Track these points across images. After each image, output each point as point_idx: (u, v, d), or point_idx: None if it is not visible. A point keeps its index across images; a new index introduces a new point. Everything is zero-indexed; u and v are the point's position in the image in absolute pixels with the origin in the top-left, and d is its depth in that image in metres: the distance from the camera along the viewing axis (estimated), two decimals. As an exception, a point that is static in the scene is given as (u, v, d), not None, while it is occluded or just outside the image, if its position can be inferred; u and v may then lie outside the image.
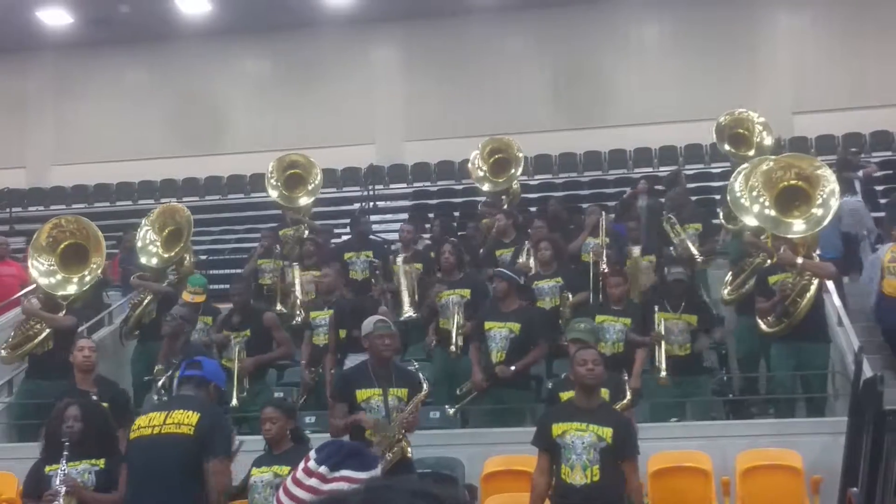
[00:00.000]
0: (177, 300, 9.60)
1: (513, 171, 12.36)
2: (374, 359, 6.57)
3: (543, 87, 19.61)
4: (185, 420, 5.26)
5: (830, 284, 9.82)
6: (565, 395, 6.52)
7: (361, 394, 6.38)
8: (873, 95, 17.98)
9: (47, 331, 9.14)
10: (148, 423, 5.35)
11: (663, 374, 8.01)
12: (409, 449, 6.33)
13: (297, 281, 10.54)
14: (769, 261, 9.13)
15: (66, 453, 5.82)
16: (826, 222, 8.78)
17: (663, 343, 8.18)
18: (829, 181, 8.70)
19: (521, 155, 12.47)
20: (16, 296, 10.62)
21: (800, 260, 8.46)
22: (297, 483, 5.03)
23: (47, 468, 5.94)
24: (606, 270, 9.25)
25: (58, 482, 5.74)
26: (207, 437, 5.24)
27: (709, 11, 18.96)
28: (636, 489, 5.96)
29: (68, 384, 7.56)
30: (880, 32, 18.30)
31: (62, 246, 9.62)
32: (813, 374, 8.48)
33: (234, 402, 8.34)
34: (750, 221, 9.43)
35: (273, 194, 12.47)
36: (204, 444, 5.23)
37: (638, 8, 19.62)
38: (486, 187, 12.52)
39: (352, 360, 8.22)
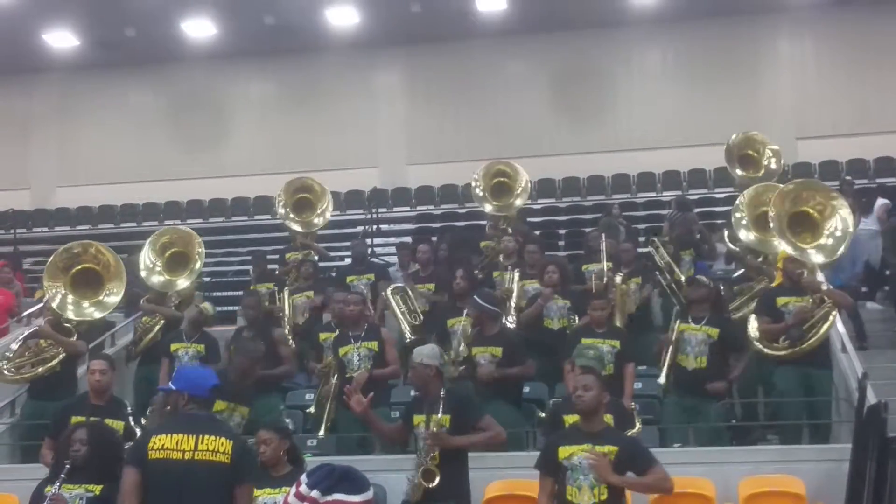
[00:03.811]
0: (181, 324, 9.61)
1: (513, 200, 11.98)
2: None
3: (546, 111, 19.68)
4: (220, 448, 5.29)
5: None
6: (569, 418, 6.52)
7: (416, 419, 6.69)
8: (877, 121, 18.03)
9: (62, 355, 9.08)
10: (175, 445, 5.32)
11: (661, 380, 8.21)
12: (437, 478, 6.37)
13: (286, 304, 10.51)
14: (771, 284, 9.10)
15: (62, 475, 5.85)
16: (839, 254, 8.72)
17: (670, 350, 8.22)
18: (843, 211, 8.56)
19: (524, 183, 12.09)
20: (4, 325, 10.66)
21: (825, 287, 8.41)
22: None
23: (46, 488, 5.94)
24: (593, 290, 9.20)
25: (46, 502, 5.77)
26: (240, 464, 5.32)
27: (712, 37, 19.06)
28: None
29: (80, 399, 7.54)
30: (884, 58, 18.37)
31: (74, 270, 9.59)
32: (820, 401, 8.44)
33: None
34: (766, 246, 9.37)
35: (285, 220, 12.23)
36: (237, 471, 5.29)
37: (641, 33, 19.69)
38: (486, 208, 12.15)
39: None
